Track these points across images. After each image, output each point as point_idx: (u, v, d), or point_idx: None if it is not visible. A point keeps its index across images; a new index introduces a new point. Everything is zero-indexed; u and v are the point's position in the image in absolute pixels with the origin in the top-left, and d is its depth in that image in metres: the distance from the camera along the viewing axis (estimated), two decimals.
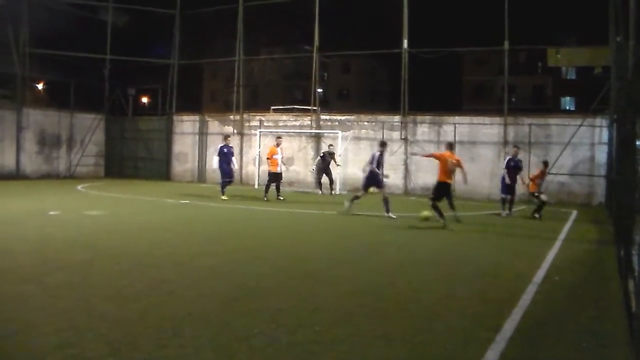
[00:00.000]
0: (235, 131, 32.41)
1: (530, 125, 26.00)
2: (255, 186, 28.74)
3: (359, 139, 29.19)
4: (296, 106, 35.88)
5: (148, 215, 17.22)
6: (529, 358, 5.89)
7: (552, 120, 26.45)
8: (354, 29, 36.28)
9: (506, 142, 26.10)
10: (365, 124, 29.50)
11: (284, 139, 26.09)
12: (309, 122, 30.85)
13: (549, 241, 13.46)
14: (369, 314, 7.06)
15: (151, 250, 10.96)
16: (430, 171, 26.21)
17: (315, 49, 30.43)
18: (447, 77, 60.35)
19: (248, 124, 32.49)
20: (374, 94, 69.68)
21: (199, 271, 9.22)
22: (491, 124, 26.99)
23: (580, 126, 24.65)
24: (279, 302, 7.39)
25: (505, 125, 26.44)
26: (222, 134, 27.12)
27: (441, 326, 6.62)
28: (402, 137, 28.07)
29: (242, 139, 32.27)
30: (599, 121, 24.71)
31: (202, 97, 70.35)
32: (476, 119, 27.71)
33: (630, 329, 6.38)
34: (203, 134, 33.90)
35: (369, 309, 7.25)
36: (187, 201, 21.18)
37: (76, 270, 8.96)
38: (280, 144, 22.92)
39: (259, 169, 29.26)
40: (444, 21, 38.45)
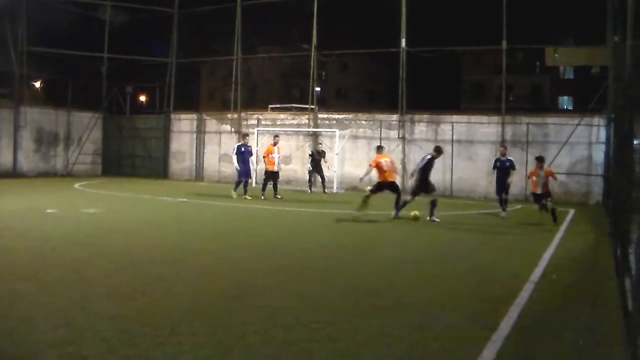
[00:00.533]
0: (233, 130, 32.39)
1: (527, 124, 25.99)
2: (253, 185, 28.69)
3: (356, 137, 29.17)
4: (294, 105, 35.89)
5: (145, 213, 17.23)
6: (526, 356, 5.90)
7: (550, 120, 26.43)
8: (352, 28, 36.35)
9: (504, 141, 26.09)
10: (363, 122, 29.48)
11: (282, 137, 26.08)
12: (307, 121, 30.83)
13: (546, 240, 13.46)
14: (365, 311, 7.06)
15: (148, 248, 10.96)
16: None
17: (313, 47, 30.40)
18: (445, 76, 60.41)
19: (246, 123, 32.44)
20: (372, 93, 69.70)
21: (196, 269, 9.23)
22: (489, 123, 26.98)
23: (578, 125, 24.66)
24: (275, 300, 7.40)
25: (503, 124, 26.43)
26: (239, 132, 26.68)
27: (438, 324, 6.63)
28: (400, 136, 28.04)
29: (239, 137, 32.19)
30: (596, 120, 24.72)
31: (200, 95, 70.47)
32: (474, 118, 27.71)
33: (627, 328, 6.39)
34: (201, 132, 33.85)
35: (366, 307, 7.26)
36: (185, 199, 21.17)
37: (73, 268, 8.96)
38: (277, 142, 22.87)
39: (256, 167, 29.19)
40: (442, 20, 38.52)
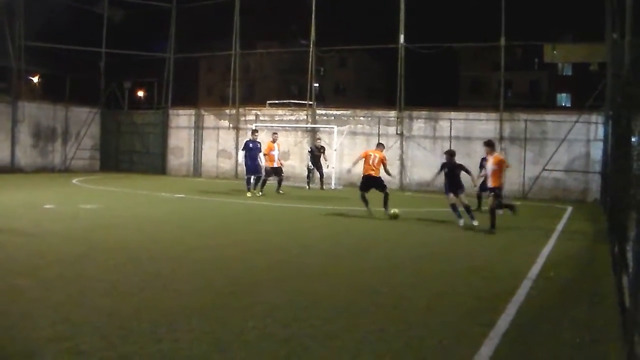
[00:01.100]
0: (231, 125, 32.39)
1: (526, 121, 26.01)
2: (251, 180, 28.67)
3: (354, 134, 29.17)
4: (292, 100, 35.93)
5: (143, 209, 17.22)
6: (523, 354, 5.91)
7: (548, 117, 26.45)
8: (350, 24, 36.38)
9: (502, 138, 26.11)
10: (361, 119, 29.48)
11: (280, 133, 26.07)
12: (305, 117, 30.83)
13: (543, 238, 13.48)
14: (364, 309, 7.07)
15: (146, 244, 10.96)
16: (426, 166, 26.34)
17: (311, 43, 30.40)
18: (444, 72, 60.45)
19: (244, 118, 32.43)
20: (370, 89, 69.71)
21: (194, 265, 9.24)
22: (487, 119, 27.00)
23: (576, 122, 24.69)
24: (274, 297, 7.40)
25: (501, 121, 26.43)
26: (250, 128, 26.11)
27: (436, 321, 6.64)
28: (398, 133, 28.06)
29: (237, 133, 32.21)
30: (594, 118, 24.76)
31: (198, 91, 70.42)
32: (472, 115, 27.74)
33: (624, 325, 6.41)
34: (199, 127, 33.83)
35: (364, 304, 7.27)
36: (183, 195, 21.16)
37: (71, 264, 8.97)
38: (276, 139, 22.84)
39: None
40: (441, 17, 38.56)
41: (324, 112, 31.10)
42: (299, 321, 6.42)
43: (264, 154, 22.14)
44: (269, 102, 34.49)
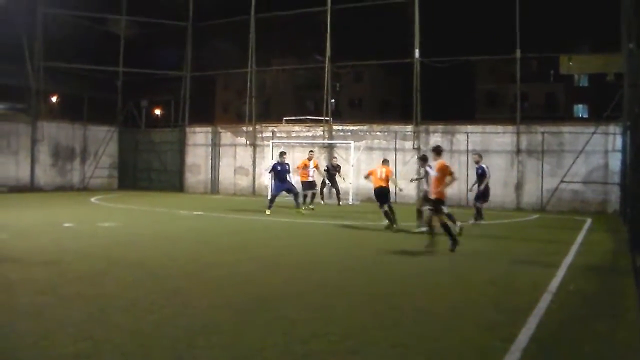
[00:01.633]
0: (248, 142, 32.51)
1: (543, 133, 25.91)
2: (269, 197, 28.72)
3: (371, 149, 29.17)
4: (308, 117, 35.99)
5: (162, 226, 17.29)
6: None
7: (565, 128, 26.33)
8: (365, 39, 36.38)
9: (519, 151, 26.03)
10: (378, 133, 29.50)
11: (297, 149, 26.19)
12: (322, 133, 30.89)
13: (563, 250, 13.37)
14: (383, 323, 7.04)
15: (165, 261, 11.01)
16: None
17: (327, 59, 30.50)
18: (459, 86, 60.26)
19: (261, 135, 32.55)
20: (386, 104, 69.62)
21: (212, 282, 9.26)
22: (504, 132, 26.91)
23: (594, 134, 24.55)
24: (292, 313, 7.40)
25: (518, 133, 26.34)
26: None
27: (456, 336, 6.60)
28: (415, 147, 28.03)
29: (254, 150, 32.34)
30: (612, 128, 24.60)
31: (215, 108, 70.71)
32: (489, 128, 27.64)
33: None
34: (216, 145, 33.99)
35: (383, 319, 7.24)
36: (200, 212, 21.23)
37: (91, 282, 9.02)
38: (312, 157, 23.56)
39: (272, 180, 29.24)
40: (456, 30, 38.51)
41: (340, 127, 31.16)
42: (318, 337, 6.41)
43: (297, 167, 22.52)
44: (285, 118, 34.55)
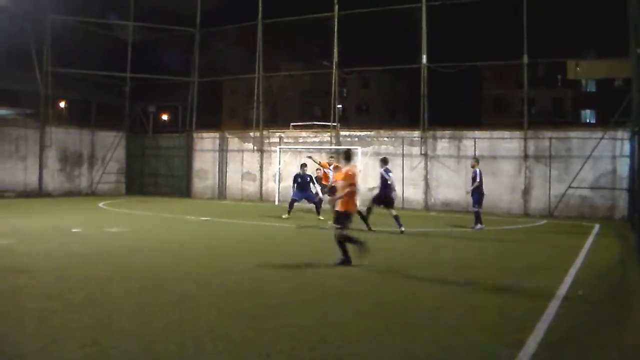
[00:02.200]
0: (255, 148, 32.55)
1: (550, 138, 25.84)
2: (276, 202, 28.78)
3: (378, 154, 29.07)
4: (316, 122, 35.96)
5: (169, 232, 17.31)
6: None
7: (573, 134, 26.26)
8: (372, 45, 36.36)
9: (526, 156, 25.98)
10: (385, 139, 29.48)
11: (303, 155, 26.17)
12: (329, 138, 30.91)
13: (571, 256, 13.30)
14: (390, 330, 7.03)
15: (172, 266, 11.02)
16: (451, 186, 26.32)
17: (334, 65, 30.53)
18: (467, 91, 60.20)
19: (268, 141, 32.59)
20: (394, 109, 69.63)
21: (219, 287, 9.26)
22: (511, 138, 26.85)
23: (602, 139, 24.47)
24: (300, 319, 7.39)
25: (526, 139, 26.29)
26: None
27: (463, 342, 6.58)
28: (422, 153, 28.00)
29: (262, 155, 32.38)
30: (620, 134, 24.50)
31: (222, 113, 70.81)
32: (496, 133, 27.60)
33: None
34: (223, 150, 34.05)
35: (391, 325, 7.23)
36: (208, 218, 21.25)
37: (98, 287, 9.03)
38: (332, 163, 23.39)
39: (279, 186, 29.30)
40: (463, 36, 38.42)
41: (347, 133, 31.16)
42: (326, 343, 6.40)
43: (319, 167, 22.33)
44: (292, 124, 34.55)
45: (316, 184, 22.25)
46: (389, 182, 17.65)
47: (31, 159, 31.38)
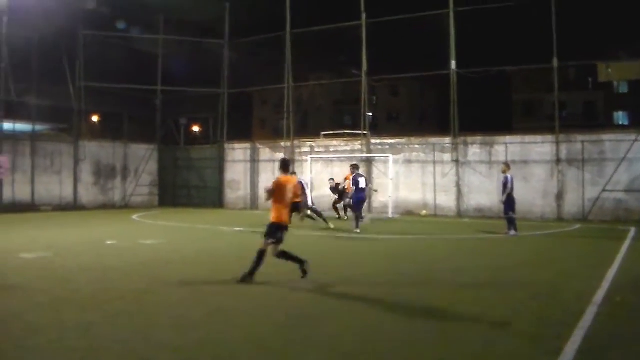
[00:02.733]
0: (287, 158, 32.61)
1: (583, 142, 25.56)
2: (308, 212, 28.76)
3: (410, 162, 29.07)
4: (346, 131, 35.96)
5: (203, 243, 17.42)
6: None
7: (606, 136, 25.93)
8: (401, 52, 36.35)
9: (559, 160, 25.72)
10: (416, 146, 29.39)
11: (335, 164, 26.22)
12: (360, 147, 30.90)
13: (607, 261, 13.12)
14: (428, 338, 7.00)
15: (207, 277, 11.09)
16: (483, 192, 26.16)
17: (363, 73, 30.53)
18: (496, 96, 59.82)
19: (299, 150, 32.68)
20: (424, 116, 69.42)
21: (254, 298, 9.29)
22: (543, 142, 26.61)
23: (635, 141, 24.16)
24: (336, 328, 7.39)
25: (557, 143, 26.03)
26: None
27: (501, 350, 6.54)
28: (454, 159, 27.86)
29: (293, 165, 32.43)
30: None
31: (252, 124, 71.23)
32: (527, 138, 27.37)
33: None
34: (255, 161, 34.21)
35: (429, 334, 7.20)
36: (241, 228, 21.35)
37: (134, 299, 9.12)
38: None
39: (311, 194, 29.29)
40: (491, 40, 38.25)
41: (378, 141, 31.11)
42: (364, 353, 6.40)
43: (346, 178, 23.60)
44: (323, 133, 34.59)
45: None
46: (360, 186, 19.66)
47: (66, 172, 31.86)
